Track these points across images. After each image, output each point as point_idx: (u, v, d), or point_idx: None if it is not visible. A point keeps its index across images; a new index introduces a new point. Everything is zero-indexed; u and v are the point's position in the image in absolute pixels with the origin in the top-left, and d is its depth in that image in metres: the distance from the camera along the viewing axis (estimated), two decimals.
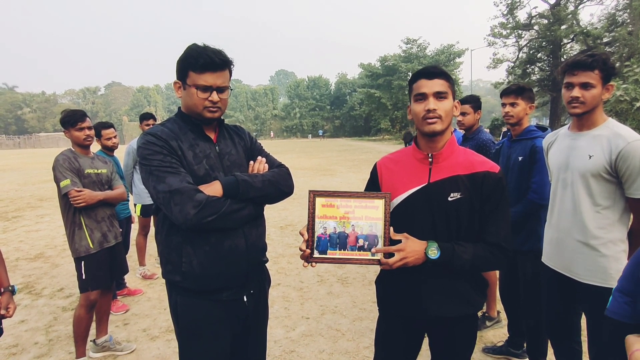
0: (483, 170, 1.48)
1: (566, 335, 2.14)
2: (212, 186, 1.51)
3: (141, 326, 3.54)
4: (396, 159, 1.66)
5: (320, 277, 4.59)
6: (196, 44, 1.54)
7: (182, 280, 1.57)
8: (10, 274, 4.89)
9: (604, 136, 1.83)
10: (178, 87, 1.59)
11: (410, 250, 1.42)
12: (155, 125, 1.64)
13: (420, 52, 48.08)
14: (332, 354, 3.01)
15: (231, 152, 1.68)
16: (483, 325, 3.32)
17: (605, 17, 26.05)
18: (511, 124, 2.68)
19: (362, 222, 1.50)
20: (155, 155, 1.49)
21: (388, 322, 1.68)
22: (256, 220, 1.68)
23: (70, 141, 2.96)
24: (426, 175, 1.53)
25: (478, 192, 1.47)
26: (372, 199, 1.50)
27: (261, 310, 1.80)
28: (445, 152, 1.52)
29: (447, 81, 1.48)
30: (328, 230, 1.52)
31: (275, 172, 1.70)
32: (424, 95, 1.47)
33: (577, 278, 1.91)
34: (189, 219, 1.42)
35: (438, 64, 3.45)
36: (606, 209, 1.84)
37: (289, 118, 69.64)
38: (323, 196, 1.52)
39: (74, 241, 2.82)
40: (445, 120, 1.46)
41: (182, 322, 1.64)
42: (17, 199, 10.78)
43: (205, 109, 1.55)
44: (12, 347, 3.22)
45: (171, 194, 1.43)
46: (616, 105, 14.50)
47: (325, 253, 1.52)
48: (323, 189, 1.71)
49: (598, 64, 1.78)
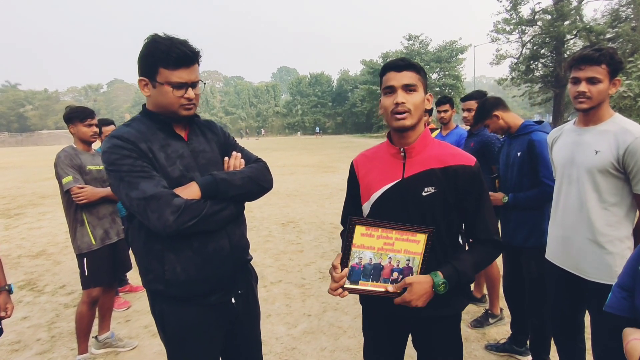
0: (457, 164, 1.43)
1: (571, 334, 2.12)
2: (188, 188, 1.42)
3: (143, 323, 3.54)
4: (371, 155, 1.62)
5: (322, 274, 4.58)
6: (158, 34, 1.41)
7: (165, 289, 1.48)
8: (12, 271, 4.93)
9: (610, 131, 1.80)
10: (144, 84, 1.44)
11: (417, 297, 1.38)
12: (119, 127, 1.50)
13: (422, 49, 47.90)
14: (334, 351, 3.00)
15: (205, 150, 1.58)
16: (486, 322, 3.30)
17: (609, 12, 25.87)
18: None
19: (400, 255, 1.43)
20: (124, 160, 1.37)
21: (370, 319, 1.67)
22: (237, 219, 1.61)
23: (74, 137, 2.95)
24: (400, 171, 1.49)
25: (452, 186, 1.43)
26: (414, 233, 1.41)
27: (251, 308, 1.74)
28: (417, 145, 1.47)
29: (417, 73, 1.43)
30: (363, 261, 1.44)
31: (253, 168, 1.61)
32: (392, 88, 1.42)
33: (585, 276, 1.89)
34: (169, 225, 1.32)
35: (408, 58, 3.37)
36: (613, 206, 1.81)
37: (291, 115, 69.55)
38: (364, 225, 1.42)
39: (76, 238, 2.83)
40: (414, 114, 1.41)
41: (170, 330, 1.56)
42: (19, 197, 10.81)
43: (181, 107, 1.45)
44: (14, 343, 3.23)
45: (146, 200, 1.32)
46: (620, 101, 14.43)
47: (356, 283, 1.46)
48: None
49: (605, 58, 1.75)
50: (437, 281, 1.38)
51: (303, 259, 5.17)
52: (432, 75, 48.23)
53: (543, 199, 2.42)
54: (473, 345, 3.03)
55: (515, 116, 2.69)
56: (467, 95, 3.57)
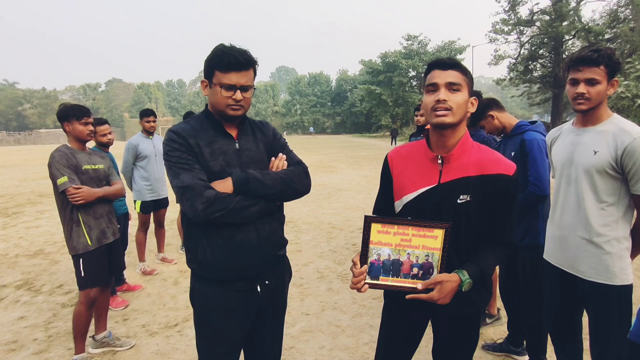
0: (495, 173, 1.42)
1: (568, 334, 2.12)
2: (224, 182, 1.56)
3: (140, 322, 3.53)
4: (406, 154, 1.60)
5: (320, 274, 4.58)
6: (223, 44, 1.59)
7: (198, 269, 1.66)
8: (9, 271, 4.92)
9: (609, 132, 1.80)
10: (205, 85, 1.63)
11: (444, 294, 1.40)
12: (179, 122, 1.71)
13: (421, 49, 47.96)
14: (332, 350, 3.00)
15: (251, 149, 1.70)
16: (483, 322, 3.30)
17: (607, 13, 25.92)
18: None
19: (419, 251, 1.46)
20: (174, 152, 1.56)
21: (390, 311, 1.71)
22: (271, 215, 1.70)
23: (69, 135, 2.88)
24: (436, 176, 1.48)
25: (489, 195, 1.43)
26: (431, 229, 1.43)
27: (278, 301, 1.84)
28: (456, 152, 1.45)
29: (462, 74, 1.41)
30: (382, 257, 1.49)
31: (290, 170, 1.70)
32: (435, 86, 1.40)
33: (581, 276, 1.89)
34: (197, 214, 1.48)
35: (455, 58, 3.34)
36: (611, 206, 1.81)
37: (290, 115, 69.58)
38: (379, 222, 1.46)
39: (72, 238, 2.78)
40: (456, 113, 1.38)
41: (197, 307, 1.73)
42: (17, 195, 10.78)
43: (228, 107, 1.59)
44: (11, 343, 3.21)
45: (183, 189, 1.50)
46: (617, 102, 14.47)
47: (377, 279, 1.51)
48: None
49: (603, 59, 1.75)
50: (465, 279, 1.40)
51: (301, 258, 5.16)
52: None
53: (530, 200, 2.44)
54: None
55: (510, 116, 2.69)
56: None
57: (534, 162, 2.41)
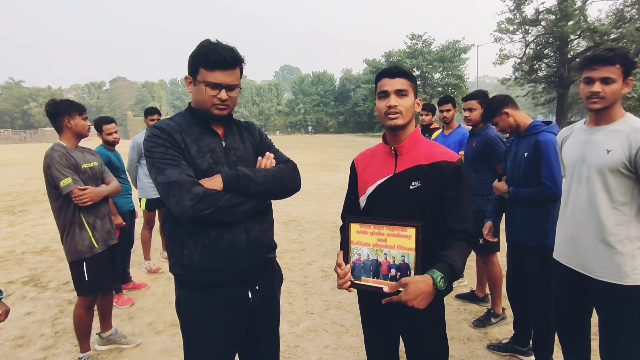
0: (442, 160, 1.57)
1: (576, 334, 2.11)
2: (213, 180, 1.50)
3: (146, 320, 3.55)
4: (369, 154, 1.79)
5: (324, 273, 4.58)
6: (209, 40, 1.53)
7: (183, 274, 1.57)
8: (16, 267, 4.96)
9: (622, 131, 1.79)
10: (189, 82, 1.57)
11: (413, 297, 1.39)
12: (162, 119, 1.67)
13: (425, 48, 47.78)
14: (337, 349, 3.01)
15: (238, 148, 1.65)
16: (488, 322, 3.30)
17: (613, 13, 25.72)
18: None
19: (395, 251, 1.50)
20: (158, 148, 1.49)
21: (366, 313, 1.84)
22: (260, 215, 1.63)
23: (67, 132, 2.72)
24: (392, 167, 1.64)
25: (437, 180, 1.56)
26: (404, 227, 1.48)
27: (270, 307, 1.75)
28: (407, 144, 1.62)
29: (408, 80, 1.59)
30: (362, 257, 1.54)
31: (280, 168, 1.65)
32: (386, 93, 1.58)
33: (592, 275, 1.88)
34: (185, 210, 1.41)
35: (400, 65, 3.56)
36: (623, 205, 1.80)
37: (293, 114, 69.56)
38: (357, 222, 1.55)
39: (75, 242, 2.61)
40: (405, 115, 1.58)
41: (184, 317, 1.64)
42: (23, 193, 10.86)
43: (214, 106, 1.53)
44: (18, 338, 3.24)
45: (169, 185, 1.43)
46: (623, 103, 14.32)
47: (359, 279, 1.55)
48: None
49: (619, 58, 1.74)
50: (436, 277, 1.41)
51: (305, 257, 5.17)
52: (435, 74, 48.11)
53: (542, 198, 2.44)
54: (475, 345, 3.03)
55: (524, 115, 2.67)
56: (469, 94, 3.54)
57: (549, 164, 2.38)
